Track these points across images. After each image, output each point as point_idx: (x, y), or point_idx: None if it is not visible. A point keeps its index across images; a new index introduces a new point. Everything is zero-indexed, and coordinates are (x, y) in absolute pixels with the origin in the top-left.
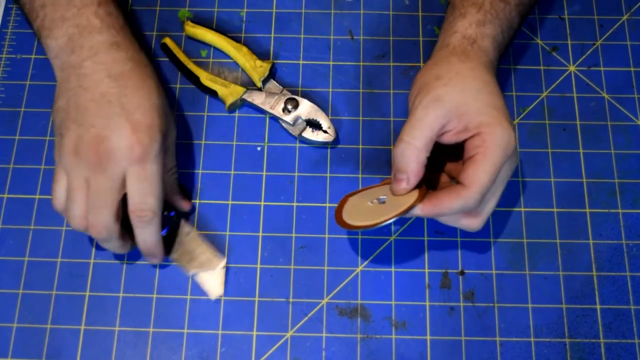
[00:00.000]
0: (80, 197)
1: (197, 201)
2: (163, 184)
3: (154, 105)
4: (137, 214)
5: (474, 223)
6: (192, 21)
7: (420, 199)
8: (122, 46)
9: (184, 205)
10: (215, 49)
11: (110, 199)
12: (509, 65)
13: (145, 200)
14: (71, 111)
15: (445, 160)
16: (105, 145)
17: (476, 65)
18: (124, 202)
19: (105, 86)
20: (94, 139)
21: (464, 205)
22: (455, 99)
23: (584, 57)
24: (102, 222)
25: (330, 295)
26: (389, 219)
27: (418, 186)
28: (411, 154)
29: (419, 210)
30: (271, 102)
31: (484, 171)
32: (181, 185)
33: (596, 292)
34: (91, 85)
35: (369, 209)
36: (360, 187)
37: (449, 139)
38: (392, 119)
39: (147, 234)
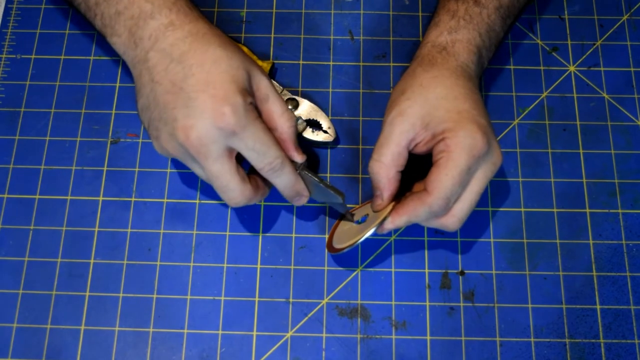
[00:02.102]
0: (205, 179)
1: (197, 201)
2: (271, 132)
3: (224, 71)
4: (266, 169)
5: (448, 223)
6: None
7: (390, 212)
8: (177, 23)
9: (297, 157)
10: None
11: (229, 175)
12: (509, 65)
13: (265, 157)
14: (154, 109)
15: None
16: (195, 134)
17: (441, 72)
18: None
19: (172, 73)
20: (182, 132)
21: (428, 211)
22: (417, 111)
23: (584, 57)
24: (235, 197)
25: (330, 295)
26: (362, 237)
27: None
28: (380, 171)
29: (390, 223)
30: None
31: (446, 175)
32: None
33: (596, 292)
34: (161, 77)
35: (354, 229)
36: (359, 188)
37: (421, 149)
38: None
39: (285, 179)
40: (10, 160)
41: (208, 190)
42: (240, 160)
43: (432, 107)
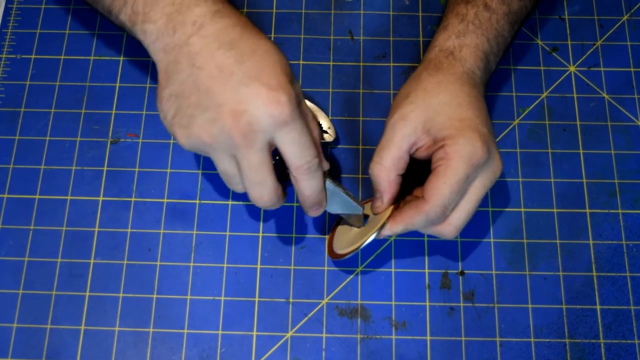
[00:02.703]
0: (236, 179)
1: (197, 201)
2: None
3: (277, 62)
4: (303, 168)
5: (445, 231)
6: None
7: (388, 218)
8: (225, 12)
9: (324, 164)
10: None
11: (267, 169)
12: (509, 65)
13: (306, 155)
14: (190, 96)
15: None
16: (246, 119)
17: (446, 77)
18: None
19: (220, 58)
20: (231, 117)
21: (425, 219)
22: (420, 116)
23: (584, 57)
24: (267, 194)
25: (330, 295)
26: (364, 242)
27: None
28: (381, 174)
29: (387, 230)
30: None
31: (444, 183)
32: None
33: (596, 293)
34: (205, 62)
35: (353, 233)
36: (359, 188)
37: (422, 154)
38: None
39: (315, 183)
40: (10, 160)
41: (208, 190)
42: None
43: (434, 113)
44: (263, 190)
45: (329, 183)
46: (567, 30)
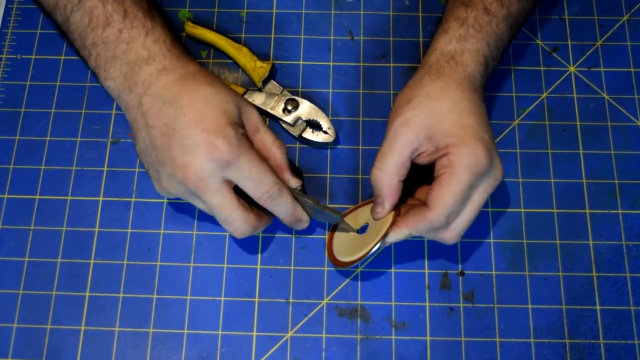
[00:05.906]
0: (209, 214)
1: None
2: (265, 160)
3: (215, 107)
4: (264, 198)
5: (446, 237)
6: (192, 21)
7: (393, 224)
8: (170, 68)
9: (292, 182)
10: (215, 49)
11: (230, 206)
12: (509, 65)
13: (262, 184)
14: (151, 153)
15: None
16: (192, 169)
17: (448, 83)
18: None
19: (165, 115)
20: (181, 170)
21: (429, 226)
22: (422, 122)
23: (584, 57)
24: (240, 227)
25: (330, 295)
26: (368, 252)
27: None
28: (383, 180)
29: (390, 237)
30: (271, 103)
31: (448, 191)
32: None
33: (596, 293)
34: (155, 121)
35: (353, 239)
36: (359, 189)
37: (423, 160)
38: None
39: (284, 207)
40: (10, 160)
41: None
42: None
43: (437, 120)
44: (234, 224)
45: (301, 199)
46: (567, 31)
